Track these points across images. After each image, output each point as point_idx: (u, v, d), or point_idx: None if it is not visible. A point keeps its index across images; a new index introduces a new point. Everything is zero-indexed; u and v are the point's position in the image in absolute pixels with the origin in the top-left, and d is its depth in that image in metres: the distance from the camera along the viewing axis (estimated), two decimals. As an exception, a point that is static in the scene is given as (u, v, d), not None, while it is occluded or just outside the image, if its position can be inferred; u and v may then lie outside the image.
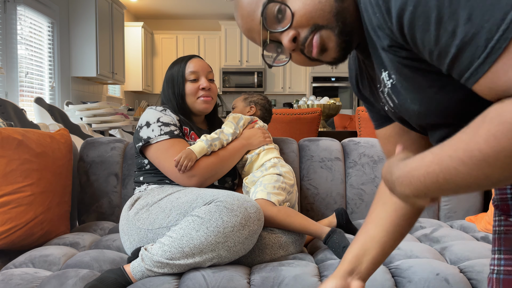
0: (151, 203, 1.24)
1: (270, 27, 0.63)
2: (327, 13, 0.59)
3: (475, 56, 0.42)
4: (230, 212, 1.05)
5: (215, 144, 1.35)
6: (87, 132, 3.38)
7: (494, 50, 0.41)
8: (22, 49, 3.54)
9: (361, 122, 2.91)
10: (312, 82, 6.73)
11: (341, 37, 0.61)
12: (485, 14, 0.41)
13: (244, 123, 1.49)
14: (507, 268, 0.65)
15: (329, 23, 0.60)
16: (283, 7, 0.61)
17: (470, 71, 0.44)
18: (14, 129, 1.34)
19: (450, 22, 0.43)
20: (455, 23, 0.43)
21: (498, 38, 0.40)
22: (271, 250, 1.19)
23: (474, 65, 0.43)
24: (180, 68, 1.44)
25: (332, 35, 0.61)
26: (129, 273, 1.05)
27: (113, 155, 1.67)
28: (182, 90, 1.42)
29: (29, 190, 1.30)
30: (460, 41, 0.43)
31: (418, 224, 1.55)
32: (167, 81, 1.46)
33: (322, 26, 0.60)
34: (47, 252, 1.21)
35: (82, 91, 4.68)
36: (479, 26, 0.41)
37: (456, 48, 0.44)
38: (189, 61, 1.45)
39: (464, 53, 0.44)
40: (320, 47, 0.62)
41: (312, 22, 0.60)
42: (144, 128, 1.35)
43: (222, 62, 6.85)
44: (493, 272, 0.67)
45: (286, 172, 1.42)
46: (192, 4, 6.31)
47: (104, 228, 1.54)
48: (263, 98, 1.65)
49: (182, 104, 1.43)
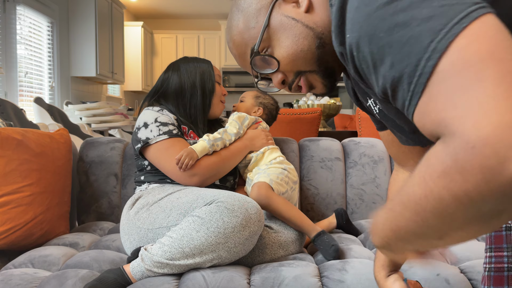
0: (151, 202, 1.23)
1: (260, 70, 0.69)
2: (309, 61, 0.64)
3: (405, 97, 0.45)
4: (231, 212, 1.05)
5: (217, 144, 1.35)
6: (86, 132, 3.37)
7: (415, 94, 0.43)
8: (22, 49, 3.53)
9: (361, 122, 2.91)
10: (312, 82, 6.73)
11: (325, 78, 0.66)
12: (402, 60, 0.43)
13: (248, 123, 1.49)
14: (497, 265, 0.68)
15: (312, 68, 0.65)
16: (268, 58, 0.67)
17: (405, 111, 0.46)
18: (14, 129, 1.34)
19: (381, 67, 0.46)
20: (383, 68, 0.46)
21: (415, 82, 0.43)
22: (271, 250, 1.19)
23: (406, 106, 0.45)
24: (209, 68, 1.47)
25: (317, 77, 0.66)
26: (129, 273, 1.05)
27: (112, 155, 1.67)
28: (213, 87, 1.45)
29: (29, 190, 1.30)
30: (390, 84, 0.46)
31: (418, 224, 1.55)
32: (197, 74, 1.44)
33: (306, 71, 0.66)
34: (46, 252, 1.21)
35: (81, 91, 4.68)
36: (401, 71, 0.44)
37: (391, 90, 0.47)
38: (213, 65, 1.49)
39: (396, 93, 0.46)
40: (308, 87, 0.68)
41: (296, 69, 0.66)
42: (142, 129, 1.34)
43: (222, 62, 6.84)
44: (486, 270, 0.70)
45: (291, 169, 1.43)
46: (192, 4, 6.30)
47: (104, 228, 1.54)
48: (273, 103, 1.64)
49: (208, 101, 1.44)
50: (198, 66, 1.45)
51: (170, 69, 1.47)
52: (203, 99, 1.43)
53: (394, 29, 0.44)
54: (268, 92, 0.78)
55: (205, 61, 1.49)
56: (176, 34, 6.85)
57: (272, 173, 1.36)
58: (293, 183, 1.41)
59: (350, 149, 1.71)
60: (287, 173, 1.39)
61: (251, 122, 1.50)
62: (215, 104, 1.47)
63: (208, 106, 1.45)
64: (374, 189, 1.65)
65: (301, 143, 1.75)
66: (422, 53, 0.42)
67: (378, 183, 1.66)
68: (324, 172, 1.67)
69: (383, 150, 1.70)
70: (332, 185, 1.66)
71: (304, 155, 1.69)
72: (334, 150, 1.70)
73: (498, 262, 0.67)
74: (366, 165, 1.67)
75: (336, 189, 1.66)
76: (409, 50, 0.43)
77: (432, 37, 0.41)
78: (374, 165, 1.67)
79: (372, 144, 1.71)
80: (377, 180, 1.66)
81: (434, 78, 0.41)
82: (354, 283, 1.01)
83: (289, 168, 1.42)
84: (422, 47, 0.42)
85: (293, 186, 1.40)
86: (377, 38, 0.45)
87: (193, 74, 1.44)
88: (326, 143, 1.72)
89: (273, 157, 1.45)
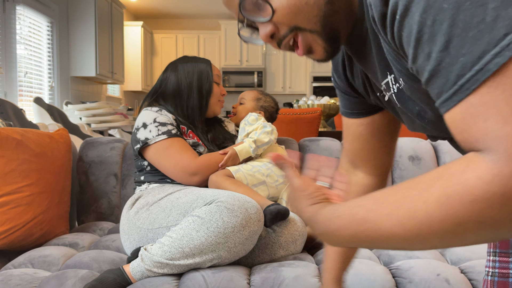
0: (151, 202, 1.23)
1: (248, 16, 0.56)
2: (313, 17, 0.54)
3: (444, 88, 0.38)
4: (231, 212, 1.05)
5: (263, 149, 1.44)
6: (86, 132, 3.37)
7: (463, 90, 0.37)
8: (21, 48, 3.53)
9: (361, 122, 2.90)
10: (313, 82, 6.72)
11: (327, 42, 0.56)
12: (463, 46, 0.36)
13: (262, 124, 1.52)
14: (501, 271, 0.65)
15: (313, 28, 0.54)
16: (262, 3, 0.55)
17: (439, 101, 0.40)
18: (13, 129, 1.33)
19: (427, 44, 0.39)
20: (432, 47, 0.39)
21: (469, 77, 0.36)
22: (271, 250, 1.19)
23: (442, 97, 0.39)
24: (207, 68, 1.46)
25: (318, 39, 0.55)
26: (129, 273, 1.05)
27: (112, 155, 1.66)
28: (211, 87, 1.45)
29: (28, 190, 1.29)
30: (433, 68, 0.39)
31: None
32: (194, 74, 1.44)
33: (303, 29, 0.55)
34: (46, 253, 1.20)
35: (81, 91, 4.67)
36: (454, 58, 0.37)
37: (428, 73, 0.40)
38: (212, 65, 1.49)
39: (435, 80, 0.40)
40: (306, 48, 0.57)
41: (294, 24, 0.54)
42: (141, 130, 1.34)
43: (222, 62, 6.84)
44: (488, 274, 0.68)
45: None
46: (191, 4, 6.30)
47: (104, 229, 1.53)
48: (274, 105, 1.64)
49: (205, 101, 1.44)
50: (196, 66, 1.45)
51: (169, 69, 1.47)
52: (200, 99, 1.43)
53: (465, 3, 0.36)
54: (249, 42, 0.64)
55: (204, 60, 1.48)
56: (176, 34, 6.85)
57: (249, 164, 1.39)
58: (279, 176, 1.40)
59: (350, 149, 1.71)
60: (271, 165, 1.40)
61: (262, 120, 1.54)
62: (213, 104, 1.47)
63: (205, 106, 1.44)
64: (374, 189, 1.65)
65: (301, 143, 1.75)
66: (492, 45, 0.35)
67: (378, 183, 1.66)
68: (324, 172, 1.66)
69: (383, 150, 1.70)
70: (332, 185, 1.66)
71: (304, 155, 1.69)
72: (334, 150, 1.70)
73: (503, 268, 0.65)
74: (366, 165, 1.67)
75: (336, 189, 1.66)
76: (476, 36, 0.35)
77: (510, 30, 0.34)
78: (374, 165, 1.67)
79: (372, 144, 1.71)
80: (377, 180, 1.66)
81: (497, 79, 0.34)
82: (354, 283, 1.01)
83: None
84: (493, 38, 0.34)
85: (278, 179, 1.40)
86: (437, 8, 0.37)
87: (191, 74, 1.43)
88: (326, 143, 1.72)
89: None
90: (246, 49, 6.83)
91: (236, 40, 6.82)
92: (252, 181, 1.34)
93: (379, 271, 1.05)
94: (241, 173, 1.34)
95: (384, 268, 1.08)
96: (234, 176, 1.32)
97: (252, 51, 6.83)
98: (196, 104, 1.42)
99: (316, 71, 6.72)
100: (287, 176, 0.57)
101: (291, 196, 0.56)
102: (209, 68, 1.46)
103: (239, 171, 1.34)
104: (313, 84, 6.72)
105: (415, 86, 0.51)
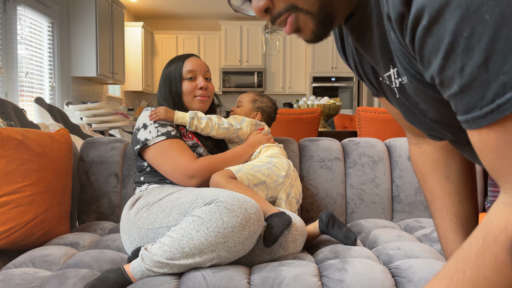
0: (151, 202, 1.24)
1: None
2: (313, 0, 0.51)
3: (477, 105, 0.36)
4: (231, 212, 1.05)
5: (202, 121, 1.39)
6: (87, 132, 3.38)
7: (500, 110, 0.34)
8: (22, 49, 3.53)
9: (361, 122, 2.91)
10: (312, 82, 6.73)
11: (319, 27, 0.53)
12: (505, 64, 0.33)
13: (247, 124, 1.50)
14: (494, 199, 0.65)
15: (311, 9, 0.51)
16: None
17: (467, 116, 0.38)
18: (14, 129, 1.34)
19: (461, 56, 0.36)
20: (467, 60, 0.35)
21: (509, 98, 0.33)
22: (271, 249, 1.19)
23: (472, 114, 0.37)
24: (178, 66, 1.45)
25: (310, 22, 0.53)
26: (129, 272, 1.05)
27: (113, 155, 1.67)
28: (179, 88, 1.43)
29: (29, 190, 1.30)
30: (466, 82, 0.36)
31: (418, 224, 1.55)
32: (163, 79, 1.46)
33: (300, 9, 0.52)
34: (47, 252, 1.21)
35: (82, 91, 4.68)
36: (494, 75, 0.33)
37: (459, 87, 0.37)
38: (186, 60, 1.46)
39: (466, 95, 0.37)
40: (294, 28, 0.54)
41: (292, 2, 0.51)
42: (142, 130, 1.35)
43: (222, 62, 6.85)
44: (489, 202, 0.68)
45: (279, 163, 1.41)
46: (192, 4, 6.31)
47: (104, 228, 1.54)
48: (271, 105, 1.62)
49: (179, 103, 1.44)
50: (166, 70, 1.46)
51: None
52: (174, 101, 1.44)
53: (510, 16, 0.32)
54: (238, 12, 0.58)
55: (178, 59, 1.47)
56: (176, 35, 6.86)
57: (249, 164, 1.38)
58: (279, 177, 1.38)
59: (350, 149, 1.71)
60: (271, 165, 1.39)
61: (250, 125, 1.51)
62: (189, 102, 1.45)
63: (182, 107, 1.44)
64: (373, 189, 1.66)
65: (301, 143, 1.75)
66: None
67: (378, 183, 1.66)
68: (324, 172, 1.67)
69: (382, 150, 1.70)
70: (332, 185, 1.66)
71: (304, 155, 1.70)
72: (334, 150, 1.70)
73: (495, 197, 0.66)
74: (366, 165, 1.67)
75: (336, 189, 1.66)
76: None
77: None
78: (374, 165, 1.67)
79: (372, 144, 1.72)
80: (376, 180, 1.66)
81: None
82: (354, 282, 1.01)
83: (276, 161, 1.41)
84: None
85: (277, 179, 1.38)
86: (477, 19, 0.33)
87: (163, 80, 1.46)
88: (326, 143, 1.72)
89: (270, 153, 1.45)
90: (246, 50, 6.84)
91: (236, 41, 6.83)
92: (253, 181, 1.34)
93: (378, 271, 1.05)
94: (243, 173, 1.34)
95: (383, 267, 1.08)
96: (236, 175, 1.32)
97: (252, 52, 6.83)
98: (179, 107, 1.44)
99: (316, 71, 6.72)
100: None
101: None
102: (180, 66, 1.44)
103: (241, 171, 1.34)
104: (313, 84, 6.72)
105: (420, 87, 0.48)
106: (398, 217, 1.68)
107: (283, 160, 1.45)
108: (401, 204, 1.67)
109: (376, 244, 1.33)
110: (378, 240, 1.35)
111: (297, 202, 1.44)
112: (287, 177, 1.41)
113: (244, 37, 6.81)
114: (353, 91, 6.72)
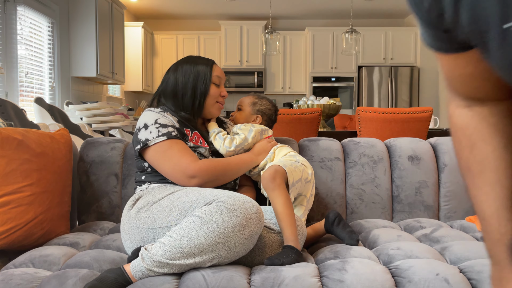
0: (152, 202, 1.24)
1: None
2: None
3: None
4: (231, 212, 1.05)
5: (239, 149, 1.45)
6: (87, 132, 3.38)
7: None
8: (22, 49, 3.54)
9: (361, 122, 2.91)
10: (312, 82, 6.73)
11: None
12: None
13: (255, 134, 1.49)
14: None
15: None
16: None
17: None
18: (14, 129, 1.34)
19: None
20: None
21: None
22: (271, 249, 1.19)
23: None
24: (207, 69, 1.45)
25: None
26: (129, 272, 1.05)
27: (113, 155, 1.67)
28: (207, 89, 1.44)
29: (29, 190, 1.30)
30: None
31: (418, 224, 1.55)
32: (187, 74, 1.43)
33: None
34: (47, 252, 1.21)
35: (82, 91, 4.68)
36: None
37: None
38: (214, 65, 1.48)
39: None
40: None
41: None
42: (142, 130, 1.35)
43: (222, 62, 6.85)
44: None
45: (305, 161, 1.44)
46: (192, 4, 6.31)
47: (104, 228, 1.54)
48: (271, 107, 1.61)
49: (198, 102, 1.43)
50: (195, 67, 1.45)
51: (171, 69, 1.48)
52: (193, 100, 1.43)
53: None
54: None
55: (206, 61, 1.47)
56: (176, 35, 6.86)
57: (286, 160, 1.39)
58: (308, 174, 1.41)
59: (350, 149, 1.71)
60: (300, 164, 1.40)
61: (257, 133, 1.49)
62: (209, 106, 1.45)
63: (200, 107, 1.44)
64: (373, 189, 1.66)
65: (301, 143, 1.75)
66: None
67: (378, 183, 1.66)
68: (324, 172, 1.67)
69: (382, 150, 1.71)
70: (332, 185, 1.66)
71: (304, 155, 1.70)
72: (334, 150, 1.70)
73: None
74: (366, 165, 1.67)
75: (336, 189, 1.66)
76: None
77: None
78: (374, 165, 1.67)
79: (372, 144, 1.72)
80: (376, 180, 1.66)
81: None
82: (354, 283, 1.01)
83: (302, 160, 1.44)
84: None
85: (308, 177, 1.40)
86: None
87: (187, 74, 1.43)
88: (326, 143, 1.72)
89: (284, 152, 1.47)
90: (246, 50, 6.84)
91: (236, 41, 6.83)
92: (295, 177, 1.35)
93: (378, 271, 1.05)
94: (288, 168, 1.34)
95: (383, 267, 1.08)
96: (286, 169, 1.31)
97: (252, 52, 6.83)
98: (189, 105, 1.43)
99: (316, 71, 6.73)
100: None
101: None
102: (209, 69, 1.45)
103: (286, 167, 1.34)
104: (313, 84, 6.72)
105: None
106: (398, 217, 1.68)
107: (302, 158, 1.47)
108: (401, 204, 1.67)
109: (376, 244, 1.33)
110: (378, 240, 1.35)
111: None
112: (312, 175, 1.44)
113: (244, 37, 6.82)
114: (353, 91, 6.71)
